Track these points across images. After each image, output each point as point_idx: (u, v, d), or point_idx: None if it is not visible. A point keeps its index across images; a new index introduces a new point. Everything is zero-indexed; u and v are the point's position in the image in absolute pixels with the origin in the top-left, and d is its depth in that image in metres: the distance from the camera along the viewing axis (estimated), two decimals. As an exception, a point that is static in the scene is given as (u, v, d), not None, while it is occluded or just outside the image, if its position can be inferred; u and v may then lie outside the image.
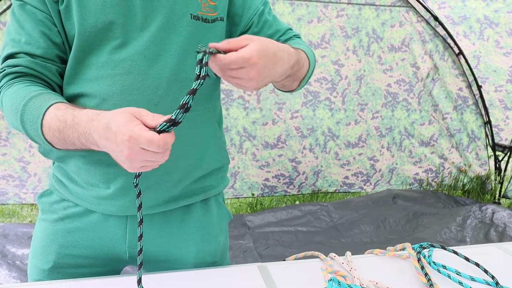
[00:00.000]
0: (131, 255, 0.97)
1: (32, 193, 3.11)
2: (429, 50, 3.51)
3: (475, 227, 3.05)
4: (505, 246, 1.14)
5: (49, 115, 0.78)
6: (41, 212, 1.00)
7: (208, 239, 1.02)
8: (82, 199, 0.94)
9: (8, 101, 0.82)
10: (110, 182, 0.90)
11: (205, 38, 0.93)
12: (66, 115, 0.76)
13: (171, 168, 0.90)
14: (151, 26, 0.86)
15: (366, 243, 2.87)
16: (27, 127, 0.80)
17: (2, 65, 0.86)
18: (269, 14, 1.02)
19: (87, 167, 0.90)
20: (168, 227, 0.97)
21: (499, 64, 3.38)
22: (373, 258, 1.05)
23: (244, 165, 3.43)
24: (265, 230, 3.01)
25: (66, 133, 0.76)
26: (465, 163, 3.85)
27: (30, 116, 0.79)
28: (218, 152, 1.02)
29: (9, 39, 0.86)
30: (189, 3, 0.89)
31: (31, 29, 0.84)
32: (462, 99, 3.67)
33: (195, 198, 0.99)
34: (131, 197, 0.90)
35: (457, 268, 0.98)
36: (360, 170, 3.70)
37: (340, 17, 3.30)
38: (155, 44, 0.86)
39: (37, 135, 0.80)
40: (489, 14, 3.20)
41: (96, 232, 0.95)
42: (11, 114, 0.82)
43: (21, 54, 0.84)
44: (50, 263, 0.96)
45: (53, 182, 0.98)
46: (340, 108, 3.49)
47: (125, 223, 0.94)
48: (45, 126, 0.78)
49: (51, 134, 0.78)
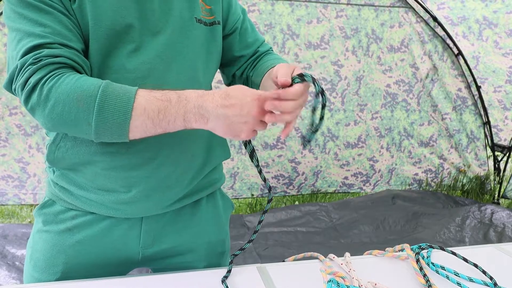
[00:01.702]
0: (144, 255, 0.98)
1: (31, 193, 3.11)
2: (428, 50, 3.51)
3: (474, 227, 3.05)
4: (503, 246, 1.15)
5: (142, 98, 0.75)
6: (42, 223, 0.95)
7: (218, 230, 1.07)
8: (95, 206, 0.92)
9: (69, 90, 0.74)
10: (132, 186, 0.90)
11: (207, 41, 0.95)
12: (168, 94, 0.77)
13: (187, 167, 0.95)
14: (165, 30, 0.87)
15: (366, 243, 2.87)
16: (105, 114, 0.74)
17: (30, 56, 0.76)
18: (248, 22, 1.08)
19: (107, 172, 0.89)
20: (180, 221, 1.00)
21: (498, 64, 3.38)
22: (372, 259, 1.05)
23: (244, 166, 3.43)
24: (265, 230, 3.01)
25: (169, 111, 0.76)
26: (465, 164, 3.86)
27: (115, 101, 0.74)
28: (222, 147, 1.09)
29: (24, 34, 0.77)
30: (193, 7, 0.92)
31: (51, 22, 0.78)
32: (461, 100, 3.68)
33: (205, 192, 1.04)
34: (153, 198, 0.92)
35: (455, 269, 0.98)
36: (360, 171, 3.70)
37: (339, 18, 3.31)
38: (170, 47, 0.88)
39: (119, 122, 0.75)
40: (488, 15, 3.20)
41: (108, 237, 0.94)
42: (76, 104, 0.74)
43: (55, 44, 0.77)
44: (57, 275, 0.93)
45: (56, 192, 0.95)
46: (339, 108, 3.49)
47: (140, 224, 0.95)
48: (138, 109, 0.75)
49: (144, 117, 0.75)
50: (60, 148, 0.89)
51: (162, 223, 0.97)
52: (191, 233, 1.01)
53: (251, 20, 3.09)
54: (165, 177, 0.92)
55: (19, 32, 0.78)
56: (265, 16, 3.15)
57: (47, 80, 0.75)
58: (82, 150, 0.88)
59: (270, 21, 3.17)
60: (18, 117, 2.95)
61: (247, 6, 3.08)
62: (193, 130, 0.95)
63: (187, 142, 0.95)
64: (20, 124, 2.96)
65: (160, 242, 0.97)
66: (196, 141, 0.97)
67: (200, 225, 1.02)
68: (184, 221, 1.00)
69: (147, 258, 0.98)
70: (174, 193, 0.95)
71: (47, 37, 0.77)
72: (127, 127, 0.75)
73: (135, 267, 1.02)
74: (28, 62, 0.75)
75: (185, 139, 0.94)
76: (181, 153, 0.93)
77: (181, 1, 0.91)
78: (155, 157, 0.90)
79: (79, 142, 0.88)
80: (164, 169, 0.91)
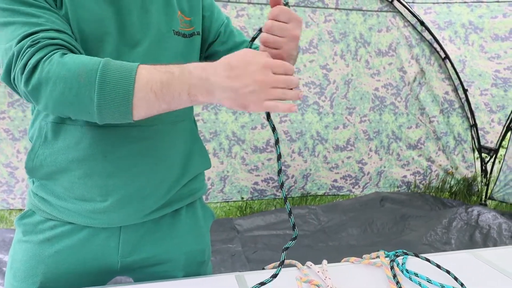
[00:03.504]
0: (123, 264, 0.98)
1: (20, 198, 3.11)
2: (416, 54, 3.56)
3: (460, 229, 3.09)
4: (478, 252, 1.17)
5: (144, 70, 0.74)
6: (22, 234, 0.96)
7: (197, 240, 1.07)
8: (73, 216, 0.92)
9: (70, 67, 0.73)
10: (109, 195, 0.90)
11: (186, 52, 0.97)
12: (171, 67, 0.75)
13: (164, 176, 0.96)
14: (143, 42, 0.89)
15: (353, 246, 2.90)
16: (108, 88, 0.72)
17: (27, 40, 0.74)
18: (232, 27, 1.09)
19: (83, 181, 0.89)
20: (159, 231, 1.00)
21: (484, 68, 3.43)
22: (348, 266, 1.07)
23: (234, 169, 3.45)
24: (254, 233, 3.03)
25: (172, 84, 0.73)
26: (452, 166, 3.91)
27: (117, 73, 0.72)
28: (201, 157, 1.09)
29: (18, 26, 0.76)
30: (171, 20, 0.94)
31: (45, 14, 0.78)
32: (449, 103, 3.73)
33: (184, 202, 1.04)
34: (130, 207, 0.93)
35: (429, 275, 1.01)
36: (349, 173, 3.73)
37: (328, 22, 3.34)
38: (148, 59, 0.88)
39: (122, 95, 0.73)
40: (474, 20, 3.25)
41: (86, 247, 0.95)
42: (77, 79, 0.72)
43: (51, 30, 0.76)
44: (36, 285, 0.94)
45: (35, 202, 0.95)
46: (328, 112, 3.52)
47: (118, 233, 0.96)
48: (140, 81, 0.73)
49: (148, 89, 0.73)
50: (38, 156, 0.90)
51: (141, 233, 0.98)
52: (170, 243, 1.02)
53: (241, 24, 3.10)
54: (142, 186, 0.93)
55: (13, 24, 0.77)
56: (254, 20, 3.18)
57: (47, 60, 0.73)
58: (59, 157, 0.89)
59: (259, 25, 3.19)
60: (6, 122, 2.95)
61: (236, 10, 3.10)
62: (170, 140, 0.97)
63: (165, 151, 0.96)
64: (8, 128, 2.96)
65: (139, 251, 0.98)
66: (174, 150, 0.98)
67: (179, 235, 1.03)
68: (163, 231, 1.01)
69: (126, 267, 0.99)
70: (151, 202, 0.96)
71: (42, 24, 0.76)
72: (130, 100, 0.73)
73: (115, 276, 1.03)
74: (26, 46, 0.74)
75: (163, 147, 0.95)
76: (158, 162, 0.95)
77: (160, 14, 0.93)
78: (132, 165, 0.91)
79: (57, 150, 0.89)
80: (141, 177, 0.92)
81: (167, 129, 0.95)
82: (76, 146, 0.88)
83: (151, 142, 0.91)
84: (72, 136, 0.88)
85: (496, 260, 1.12)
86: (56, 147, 0.89)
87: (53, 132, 0.89)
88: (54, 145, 0.89)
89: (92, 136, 0.87)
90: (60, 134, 0.88)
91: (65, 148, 0.88)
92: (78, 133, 0.87)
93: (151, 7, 0.91)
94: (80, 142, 0.88)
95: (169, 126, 0.96)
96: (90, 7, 0.84)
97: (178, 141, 1.00)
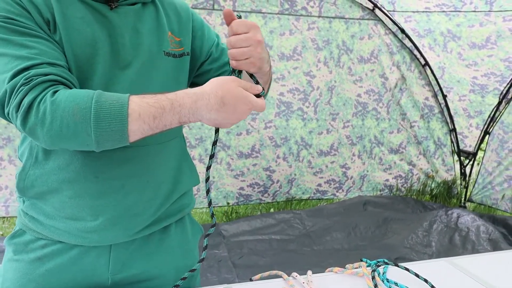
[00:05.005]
0: (113, 281, 1.00)
1: (3, 206, 3.07)
2: (397, 61, 3.65)
3: (440, 232, 3.18)
4: (454, 261, 1.23)
5: (135, 104, 0.77)
6: (13, 253, 0.96)
7: (186, 255, 1.09)
8: (63, 235, 0.93)
9: (64, 105, 0.75)
10: (99, 214, 0.92)
11: (176, 73, 1.00)
12: (161, 101, 0.79)
13: (154, 194, 0.98)
14: (134, 64, 0.91)
15: (337, 250, 2.96)
16: (103, 124, 0.76)
17: (20, 78, 0.76)
18: (223, 44, 1.12)
19: (74, 201, 0.91)
20: (149, 248, 1.02)
21: (462, 75, 3.54)
22: (332, 276, 1.12)
23: (219, 175, 3.47)
24: (240, 239, 3.06)
25: (165, 117, 0.79)
26: (432, 169, 4.01)
27: (110, 110, 0.76)
28: (191, 174, 1.11)
29: (10, 58, 0.78)
30: (161, 41, 0.97)
31: (36, 44, 0.80)
32: (429, 108, 3.83)
33: (174, 218, 1.06)
34: (120, 226, 0.94)
35: (408, 284, 1.06)
36: (333, 178, 3.80)
37: (311, 30, 3.40)
38: (139, 80, 0.91)
39: (117, 129, 0.77)
40: (452, 28, 3.36)
41: (77, 265, 0.96)
42: (72, 118, 0.75)
43: (43, 64, 0.79)
44: None
45: (26, 222, 0.96)
46: (312, 118, 3.58)
47: (109, 251, 0.97)
48: (133, 115, 0.77)
49: (141, 122, 0.78)
50: (29, 176, 0.91)
51: (131, 250, 0.99)
52: (160, 259, 1.03)
53: (225, 31, 3.12)
54: (132, 204, 0.94)
55: (5, 56, 0.78)
56: (239, 28, 3.21)
57: (41, 99, 0.75)
58: (50, 178, 0.90)
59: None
60: (-11, 130, 2.91)
61: (221, 18, 3.13)
62: (162, 158, 0.99)
63: (156, 170, 0.98)
64: (-9, 136, 2.92)
65: (129, 268, 0.99)
66: (165, 168, 1.00)
67: (169, 251, 1.05)
68: (153, 247, 1.03)
69: (117, 284, 1.01)
70: (141, 220, 0.97)
71: (34, 58, 0.78)
72: (125, 132, 0.77)
73: None
74: (19, 83, 0.76)
75: (154, 166, 0.97)
76: (148, 181, 0.97)
77: (151, 36, 0.95)
78: (123, 185, 0.93)
79: (48, 171, 0.90)
80: (131, 197, 0.94)
81: (159, 148, 0.98)
82: (68, 167, 0.89)
83: (143, 162, 0.94)
84: (63, 157, 0.89)
85: (472, 268, 1.18)
86: (47, 167, 0.90)
87: (44, 152, 0.90)
88: (45, 165, 0.90)
89: (84, 157, 0.89)
90: (51, 154, 0.90)
91: (56, 168, 0.89)
92: (69, 154, 0.89)
93: (143, 29, 0.94)
94: (71, 163, 0.89)
95: (160, 145, 0.98)
96: (84, 31, 0.86)
97: (169, 159, 1.02)
